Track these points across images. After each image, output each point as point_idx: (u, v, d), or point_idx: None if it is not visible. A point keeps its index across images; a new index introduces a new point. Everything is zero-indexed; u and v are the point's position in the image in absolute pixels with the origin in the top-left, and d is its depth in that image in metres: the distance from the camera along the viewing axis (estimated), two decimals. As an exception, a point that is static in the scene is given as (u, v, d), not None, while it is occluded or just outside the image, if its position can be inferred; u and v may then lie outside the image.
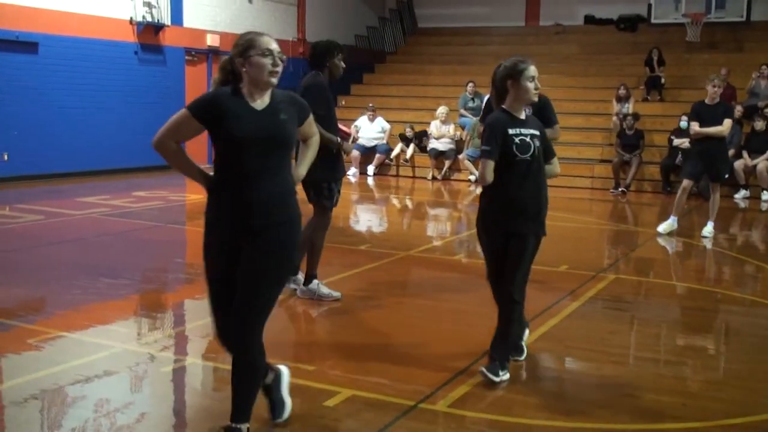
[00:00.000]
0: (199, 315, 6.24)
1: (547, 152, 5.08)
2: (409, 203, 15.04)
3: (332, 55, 6.70)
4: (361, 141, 17.67)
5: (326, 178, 6.54)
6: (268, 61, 3.85)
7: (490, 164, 4.85)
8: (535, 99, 4.97)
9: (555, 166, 5.22)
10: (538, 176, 4.97)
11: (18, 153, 14.76)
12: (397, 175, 17.89)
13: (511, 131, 4.87)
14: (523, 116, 5.00)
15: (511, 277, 4.91)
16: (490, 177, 4.87)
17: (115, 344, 5.59)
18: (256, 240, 3.81)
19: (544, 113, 6.04)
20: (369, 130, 17.95)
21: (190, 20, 18.40)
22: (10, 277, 7.49)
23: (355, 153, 17.34)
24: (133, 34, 17.00)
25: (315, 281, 6.75)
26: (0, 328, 5.97)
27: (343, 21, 23.16)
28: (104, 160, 16.24)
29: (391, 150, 17.97)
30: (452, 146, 17.37)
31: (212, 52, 18.87)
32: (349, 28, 23.32)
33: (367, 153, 17.87)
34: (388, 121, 18.29)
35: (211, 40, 18.80)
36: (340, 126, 6.80)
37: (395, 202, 15.11)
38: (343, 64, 6.82)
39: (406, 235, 11.15)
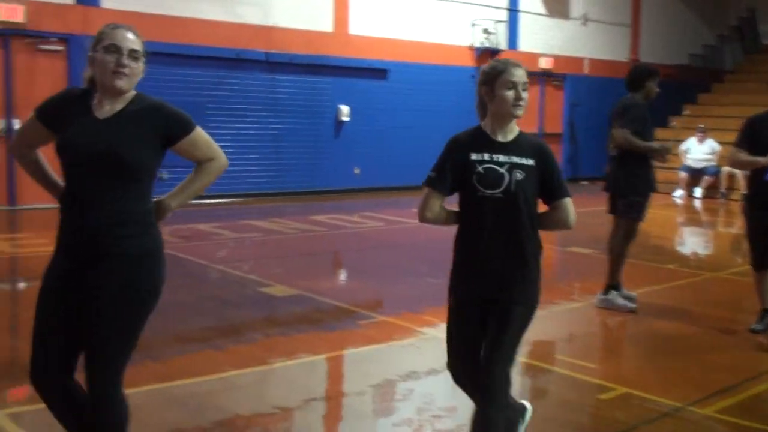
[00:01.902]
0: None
1: (550, 191, 3.66)
2: (729, 226, 14.69)
3: (649, 78, 7.14)
4: (688, 162, 17.48)
5: (637, 191, 7.03)
6: (110, 58, 3.17)
7: (432, 197, 3.63)
8: (518, 113, 3.59)
9: (562, 211, 3.68)
10: (515, 221, 3.56)
11: (368, 167, 16.69)
12: (727, 198, 17.40)
13: (474, 156, 3.60)
14: (506, 137, 3.64)
15: (498, 365, 3.53)
16: (428, 213, 3.65)
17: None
18: (89, 273, 3.19)
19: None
20: (697, 151, 17.67)
21: (525, 44, 19.42)
22: (360, 272, 8.83)
23: (682, 174, 17.21)
24: (471, 59, 18.36)
25: (613, 292, 7.24)
26: (363, 317, 7.21)
27: (678, 41, 22.86)
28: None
29: (720, 172, 17.54)
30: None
31: (545, 75, 19.72)
32: (683, 47, 22.96)
33: (695, 174, 17.61)
34: (722, 143, 17.85)
35: (545, 63, 19.66)
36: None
37: (714, 224, 14.84)
38: (657, 89, 7.25)
39: (719, 256, 11.11)
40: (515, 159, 3.58)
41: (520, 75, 3.60)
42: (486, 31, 18.50)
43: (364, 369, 5.68)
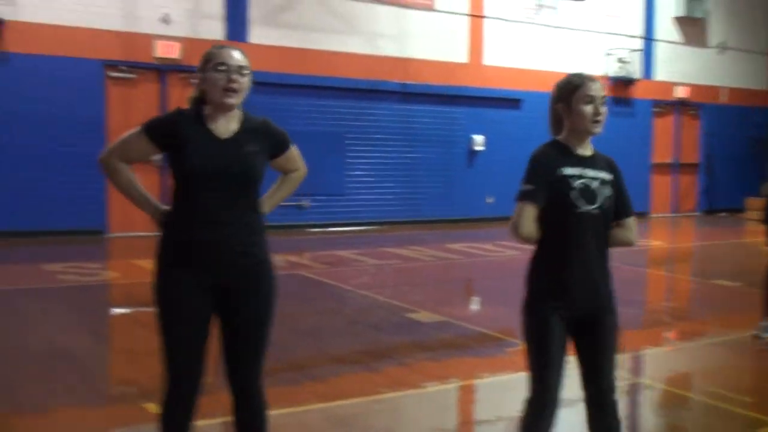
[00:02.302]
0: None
1: (621, 209, 3.56)
2: None
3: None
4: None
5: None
6: (221, 76, 3.34)
7: (529, 210, 3.43)
8: (596, 130, 3.47)
9: (628, 230, 3.60)
10: (605, 236, 3.53)
11: (500, 196, 16.78)
12: None
13: (567, 170, 3.46)
14: (586, 152, 3.55)
15: (608, 380, 3.56)
16: (526, 229, 3.45)
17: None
18: (233, 285, 3.45)
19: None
20: None
21: (660, 73, 19.16)
22: (501, 299, 8.96)
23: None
24: (605, 89, 18.19)
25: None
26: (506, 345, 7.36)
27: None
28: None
29: None
30: None
31: (680, 104, 19.38)
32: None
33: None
34: None
35: (680, 92, 19.32)
36: None
37: None
38: None
39: None
40: (601, 174, 3.52)
41: (597, 89, 3.50)
42: (621, 60, 18.38)
43: (517, 395, 5.79)
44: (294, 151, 3.68)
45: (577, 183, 3.44)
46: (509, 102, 16.78)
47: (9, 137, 11.96)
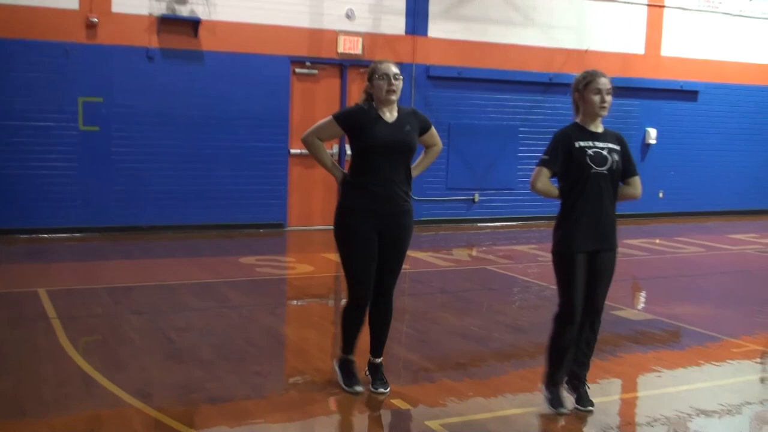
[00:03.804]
0: None
1: (627, 170, 5.02)
2: None
3: None
4: None
5: None
6: (383, 84, 5.02)
7: (544, 172, 4.96)
8: (602, 113, 4.91)
9: (634, 187, 5.11)
10: (614, 192, 4.99)
11: (673, 191, 16.32)
12: None
13: (581, 143, 4.91)
14: (598, 129, 4.99)
15: (602, 293, 5.10)
16: (539, 183, 4.96)
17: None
18: (393, 224, 5.11)
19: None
20: None
21: None
22: (696, 298, 8.71)
23: None
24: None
25: None
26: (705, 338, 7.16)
27: None
28: (741, 200, 16.99)
29: None
30: None
31: None
32: None
33: None
34: None
35: None
36: None
37: None
38: None
39: None
40: (609, 145, 4.92)
41: (604, 83, 4.91)
42: (804, 48, 17.45)
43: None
44: (434, 130, 5.33)
45: (590, 151, 4.87)
46: (686, 94, 16.22)
47: (207, 135, 12.48)
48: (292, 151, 12.95)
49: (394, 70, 5.05)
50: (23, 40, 11.38)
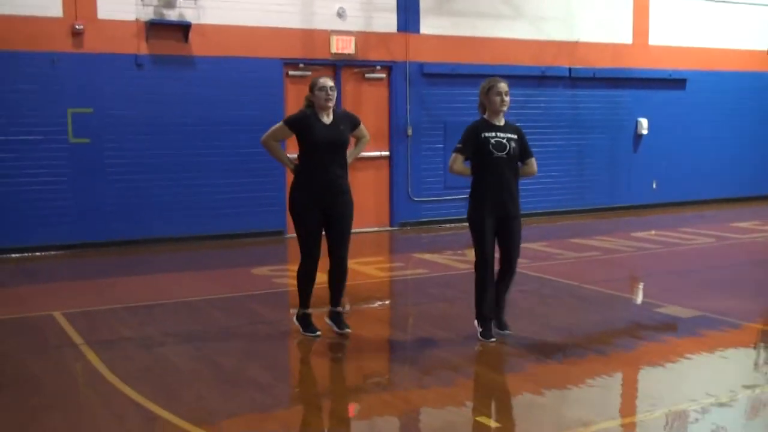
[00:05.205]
0: None
1: (524, 153, 6.46)
2: None
3: None
4: None
5: None
6: (322, 94, 6.39)
7: (458, 157, 6.41)
8: (503, 109, 6.37)
9: (530, 166, 6.54)
10: (513, 171, 6.38)
11: (666, 181, 16.22)
12: None
13: (486, 134, 6.30)
14: (500, 123, 6.40)
15: (515, 254, 6.52)
16: (456, 166, 6.43)
17: None
18: (334, 202, 6.46)
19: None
20: None
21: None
22: (737, 290, 8.50)
23: None
24: (768, 64, 17.45)
25: None
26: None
27: None
28: (733, 187, 16.98)
29: None
30: None
31: None
32: None
33: None
34: None
35: None
36: None
37: None
38: None
39: None
40: (509, 135, 6.36)
41: (503, 87, 6.39)
42: (784, 33, 17.50)
43: None
44: (362, 126, 6.76)
45: (493, 140, 6.29)
46: (674, 83, 16.12)
47: (201, 142, 12.02)
48: (290, 155, 12.49)
49: (330, 83, 6.46)
50: (5, 51, 10.82)
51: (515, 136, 6.38)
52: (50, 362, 6.20)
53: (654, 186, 16.17)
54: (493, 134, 6.29)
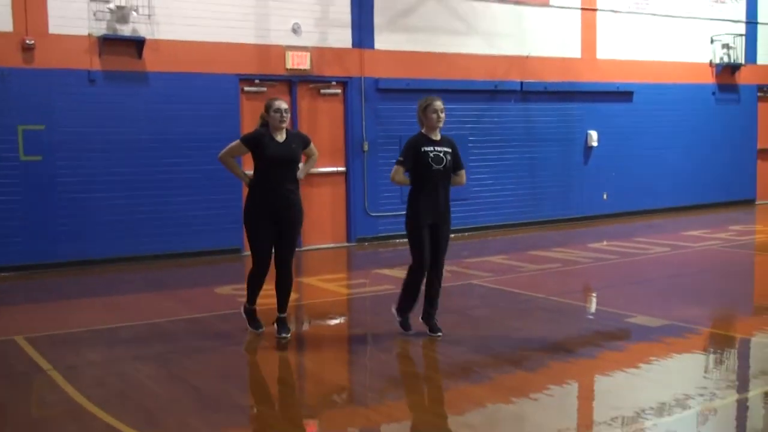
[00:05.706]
0: None
1: (456, 165, 7.02)
2: None
3: None
4: None
5: None
6: (277, 116, 6.89)
7: (399, 169, 6.93)
8: (438, 125, 6.88)
9: (461, 176, 7.14)
10: (447, 181, 6.95)
11: (616, 192, 16.49)
12: None
13: (425, 148, 6.82)
14: (437, 137, 6.93)
15: (443, 257, 7.09)
16: (397, 177, 6.96)
17: None
18: (284, 214, 6.93)
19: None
20: None
21: (763, 57, 18.72)
22: (689, 297, 8.65)
23: None
24: (711, 76, 17.88)
25: None
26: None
27: None
28: (679, 196, 17.35)
29: None
30: None
31: (787, 88, 18.94)
32: None
33: None
34: None
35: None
36: None
37: None
38: None
39: None
40: (445, 149, 6.90)
41: (438, 105, 6.88)
42: (726, 46, 17.98)
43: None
44: (312, 145, 7.26)
45: (431, 154, 6.81)
46: (622, 95, 16.44)
47: (156, 159, 11.82)
48: (247, 172, 12.36)
49: (284, 106, 6.96)
50: (-46, 67, 10.52)
51: (450, 150, 6.95)
52: (19, 390, 6.00)
53: (605, 197, 16.42)
54: (432, 148, 6.83)
